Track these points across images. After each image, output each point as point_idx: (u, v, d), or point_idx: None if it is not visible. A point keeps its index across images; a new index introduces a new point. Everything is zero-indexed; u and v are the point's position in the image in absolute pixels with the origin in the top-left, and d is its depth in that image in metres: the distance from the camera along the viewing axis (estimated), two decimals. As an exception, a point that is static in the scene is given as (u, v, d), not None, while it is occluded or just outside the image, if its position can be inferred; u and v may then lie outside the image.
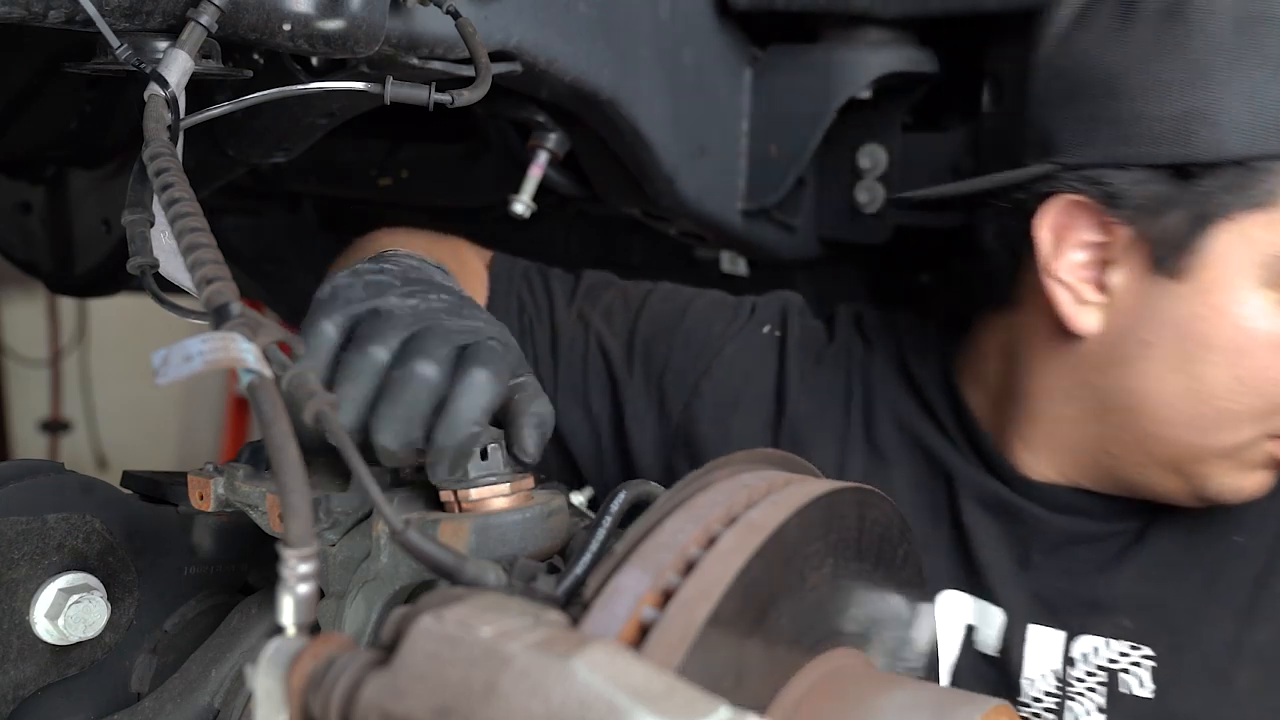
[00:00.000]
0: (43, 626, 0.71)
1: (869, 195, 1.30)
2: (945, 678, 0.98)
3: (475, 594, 0.49)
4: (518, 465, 0.68)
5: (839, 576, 0.59)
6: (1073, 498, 1.00)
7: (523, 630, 0.45)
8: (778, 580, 0.54)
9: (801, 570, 0.56)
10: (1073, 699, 0.97)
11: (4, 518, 0.70)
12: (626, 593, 0.52)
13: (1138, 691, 0.95)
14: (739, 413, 1.10)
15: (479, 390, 0.65)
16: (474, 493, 0.65)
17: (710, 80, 1.23)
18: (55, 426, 4.01)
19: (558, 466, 1.14)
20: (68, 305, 3.88)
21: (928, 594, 0.72)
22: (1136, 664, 0.96)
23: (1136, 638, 0.96)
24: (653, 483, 0.65)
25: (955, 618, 1.02)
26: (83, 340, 3.94)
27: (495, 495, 0.65)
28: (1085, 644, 0.97)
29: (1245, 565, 0.96)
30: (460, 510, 0.65)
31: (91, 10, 0.65)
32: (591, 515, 0.75)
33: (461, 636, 0.45)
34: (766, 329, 1.14)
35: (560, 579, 0.57)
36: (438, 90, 0.81)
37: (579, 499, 0.91)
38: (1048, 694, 0.98)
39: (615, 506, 0.63)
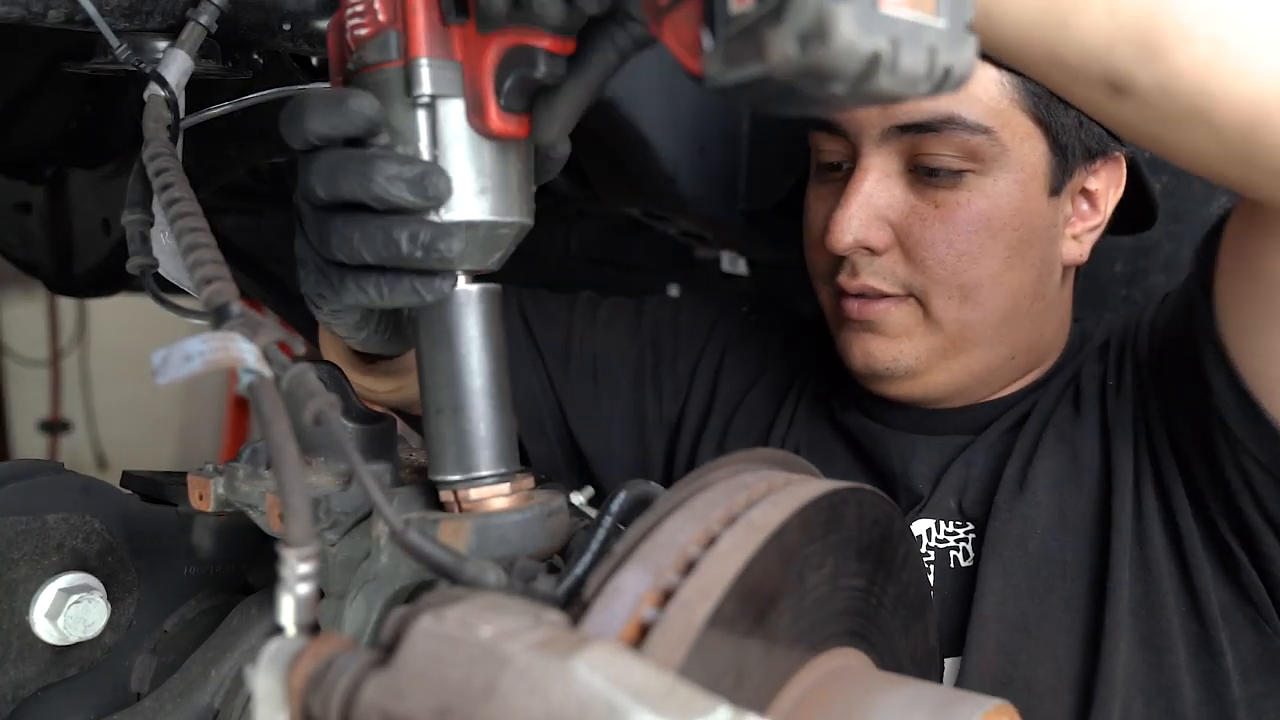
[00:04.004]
0: (42, 627, 0.71)
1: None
2: None
3: (475, 594, 0.49)
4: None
5: (839, 576, 0.59)
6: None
7: (523, 630, 0.45)
8: (778, 580, 0.54)
9: (801, 570, 0.56)
10: None
11: (4, 518, 0.70)
12: (626, 593, 0.52)
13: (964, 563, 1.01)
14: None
15: None
16: (474, 493, 0.65)
17: (710, 80, 1.23)
18: (55, 426, 4.02)
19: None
20: (67, 305, 3.89)
21: (928, 594, 0.72)
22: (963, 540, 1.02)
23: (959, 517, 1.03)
24: (653, 483, 0.65)
25: None
26: (82, 340, 3.94)
27: (495, 495, 0.65)
28: (919, 527, 1.04)
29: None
30: (460, 510, 0.65)
31: (91, 10, 0.65)
32: (591, 515, 0.75)
33: (461, 636, 0.45)
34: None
35: (560, 579, 0.57)
36: (438, 90, 0.80)
37: (579, 499, 0.91)
38: None
39: (615, 507, 0.63)
